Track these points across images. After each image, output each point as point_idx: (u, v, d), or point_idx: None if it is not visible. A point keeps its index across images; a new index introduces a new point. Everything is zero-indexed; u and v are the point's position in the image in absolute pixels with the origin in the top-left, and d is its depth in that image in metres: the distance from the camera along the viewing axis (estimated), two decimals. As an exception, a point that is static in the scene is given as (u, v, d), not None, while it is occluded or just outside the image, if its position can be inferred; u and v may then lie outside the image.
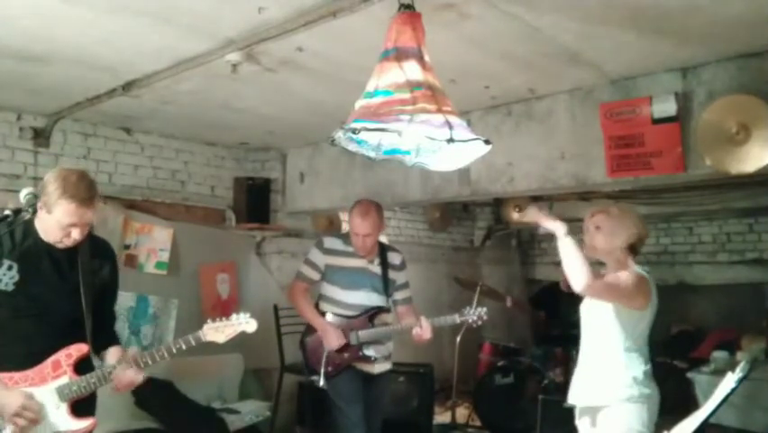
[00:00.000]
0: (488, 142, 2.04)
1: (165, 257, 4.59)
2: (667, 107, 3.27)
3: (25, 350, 2.24)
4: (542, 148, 3.80)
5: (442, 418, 5.56)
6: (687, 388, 4.22)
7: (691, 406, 2.40)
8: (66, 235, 2.24)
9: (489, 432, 5.26)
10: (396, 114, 1.93)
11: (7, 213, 2.19)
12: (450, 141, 1.91)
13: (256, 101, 3.92)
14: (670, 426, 1.96)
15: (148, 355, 2.37)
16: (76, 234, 2.24)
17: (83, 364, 2.33)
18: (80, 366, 2.31)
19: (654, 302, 2.58)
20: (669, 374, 4.40)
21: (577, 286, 2.45)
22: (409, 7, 2.12)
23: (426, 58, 2.07)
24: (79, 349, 2.30)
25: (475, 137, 2.00)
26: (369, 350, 3.43)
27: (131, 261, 4.42)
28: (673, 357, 5.09)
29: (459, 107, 2.15)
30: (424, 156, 2.19)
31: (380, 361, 3.48)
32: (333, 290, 3.49)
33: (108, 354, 2.43)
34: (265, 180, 5.33)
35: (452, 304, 3.65)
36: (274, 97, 3.82)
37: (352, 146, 2.12)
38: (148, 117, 4.31)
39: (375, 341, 3.45)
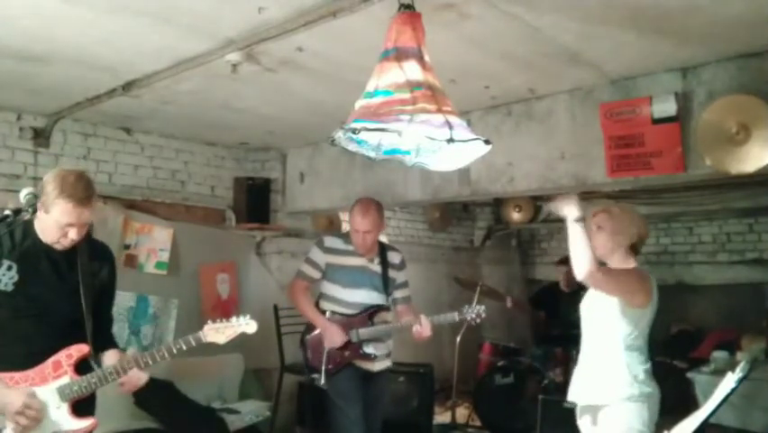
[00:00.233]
0: (488, 142, 2.04)
1: (165, 257, 4.59)
2: (667, 107, 3.27)
3: (25, 350, 2.24)
4: (542, 148, 3.80)
5: (442, 418, 5.56)
6: (687, 388, 4.22)
7: (691, 406, 2.40)
8: (63, 235, 2.24)
9: (489, 432, 5.26)
10: (396, 114, 1.93)
11: (7, 213, 2.19)
12: (450, 141, 1.91)
13: (256, 101, 3.92)
14: (670, 426, 1.96)
15: (148, 356, 2.37)
16: (73, 234, 2.24)
17: (83, 365, 2.33)
18: (81, 366, 2.31)
19: (655, 301, 2.58)
20: (669, 374, 4.39)
21: (580, 273, 2.43)
22: (409, 7, 2.12)
23: (426, 58, 2.07)
24: (80, 349, 2.31)
25: (475, 137, 2.00)
26: (369, 348, 3.45)
27: (131, 261, 4.42)
28: (673, 357, 5.09)
29: (459, 107, 2.15)
30: (424, 156, 2.19)
31: (380, 358, 3.50)
32: (333, 289, 3.51)
33: (106, 355, 2.42)
34: (265, 180, 5.33)
35: (452, 304, 3.66)
36: (274, 97, 3.82)
37: (352, 146, 2.12)
38: (148, 117, 4.31)
39: (375, 339, 3.47)
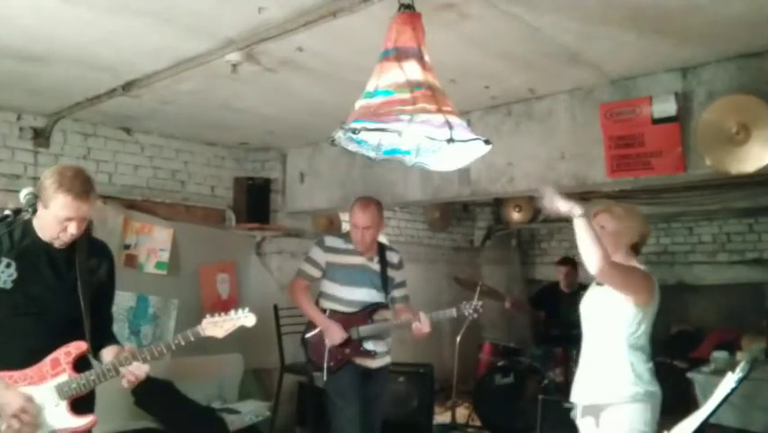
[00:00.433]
0: (488, 142, 2.04)
1: (165, 257, 4.59)
2: (667, 107, 3.28)
3: (24, 348, 2.24)
4: (542, 148, 3.80)
5: (442, 418, 5.56)
6: (687, 388, 4.22)
7: (691, 406, 2.39)
8: (63, 230, 2.24)
9: (489, 432, 5.26)
10: (396, 114, 1.93)
11: (7, 213, 2.19)
12: (450, 141, 1.91)
13: (256, 101, 3.92)
14: (670, 426, 1.95)
15: (147, 351, 2.36)
16: (72, 228, 2.24)
17: (82, 362, 2.32)
18: (79, 364, 2.30)
19: (657, 300, 2.57)
20: (669, 374, 4.39)
21: (591, 267, 2.39)
22: (409, 7, 2.12)
23: (426, 58, 2.07)
24: (78, 347, 2.30)
25: (475, 137, 2.00)
26: (369, 345, 3.49)
27: (131, 261, 4.42)
28: (673, 357, 5.09)
29: (459, 107, 2.15)
30: (424, 156, 2.19)
31: (380, 356, 3.54)
32: (333, 287, 3.54)
33: (104, 351, 2.41)
34: (265, 180, 5.33)
35: (451, 304, 3.68)
36: (274, 97, 3.82)
37: (352, 146, 2.12)
38: (148, 117, 4.31)
39: (375, 336, 3.51)
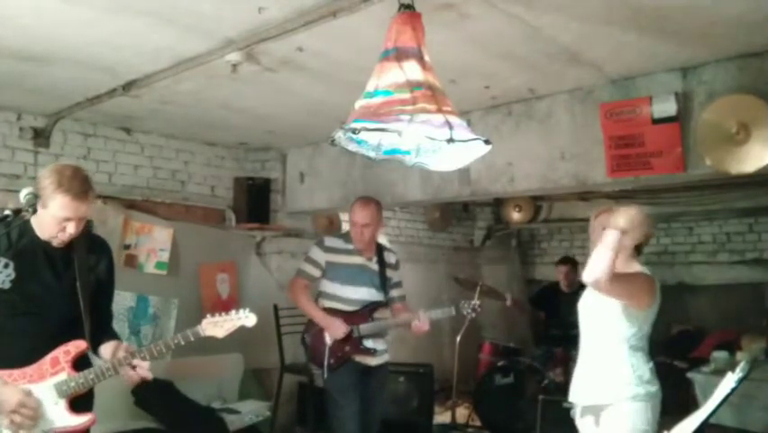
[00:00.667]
0: (488, 142, 2.04)
1: (165, 257, 4.59)
2: (667, 107, 3.27)
3: (23, 348, 2.24)
4: (542, 148, 3.80)
5: (442, 418, 5.56)
6: (687, 388, 4.22)
7: (691, 406, 2.39)
8: (61, 230, 2.24)
9: (488, 432, 5.26)
10: (396, 114, 1.93)
11: (7, 213, 2.19)
12: (450, 141, 1.91)
13: (256, 101, 3.91)
14: (670, 426, 1.95)
15: (146, 351, 2.36)
16: (71, 228, 2.24)
17: (81, 361, 2.32)
18: (79, 363, 2.30)
19: (658, 303, 2.56)
20: (669, 374, 4.38)
21: (588, 277, 2.38)
22: (409, 7, 2.12)
23: (426, 58, 2.07)
24: (78, 346, 2.30)
25: (475, 137, 2.00)
26: (368, 342, 3.52)
27: (131, 261, 4.42)
28: (673, 357, 5.08)
29: (459, 107, 2.15)
30: (424, 156, 2.19)
31: (380, 353, 3.58)
32: (333, 287, 3.56)
33: (104, 348, 2.41)
34: (265, 180, 5.33)
35: (451, 303, 3.70)
36: (274, 97, 3.82)
37: (351, 146, 2.12)
38: (148, 117, 4.31)
39: (375, 334, 3.54)
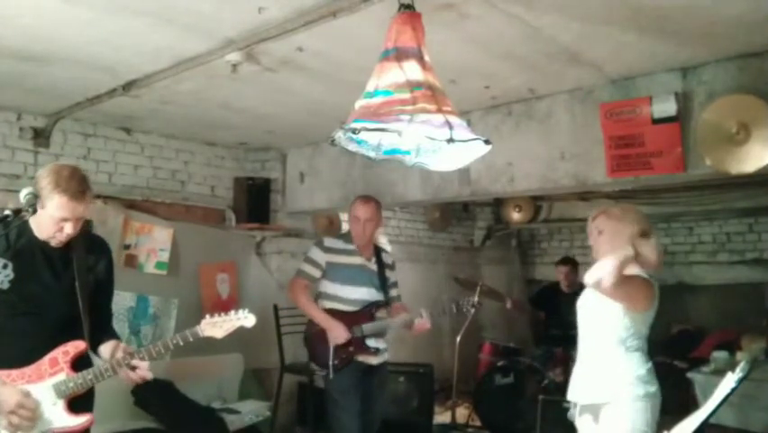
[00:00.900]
0: (488, 142, 2.04)
1: (165, 257, 4.59)
2: (667, 107, 3.27)
3: (22, 348, 2.24)
4: (542, 148, 3.80)
5: (442, 418, 5.56)
6: (687, 388, 4.22)
7: (691, 406, 2.40)
8: (59, 230, 2.24)
9: (489, 432, 5.26)
10: (396, 114, 1.93)
11: (7, 213, 2.19)
12: (450, 141, 1.91)
13: (256, 101, 3.91)
14: (670, 426, 1.96)
15: (145, 351, 2.36)
16: (68, 228, 2.24)
17: (80, 361, 2.32)
18: (78, 363, 2.30)
19: (655, 305, 2.56)
20: (669, 374, 4.38)
21: (590, 280, 2.38)
22: (409, 7, 2.11)
23: (426, 58, 2.07)
24: (76, 346, 2.30)
25: (475, 137, 2.00)
26: (371, 342, 3.53)
27: (131, 261, 4.42)
28: (673, 357, 5.08)
29: (459, 107, 2.15)
30: (424, 156, 2.19)
31: (381, 352, 3.60)
32: (334, 287, 3.57)
33: (103, 347, 2.41)
34: (265, 180, 5.33)
35: (451, 302, 3.73)
36: (274, 97, 3.82)
37: (351, 146, 2.12)
38: (148, 117, 4.31)
39: (377, 334, 3.56)
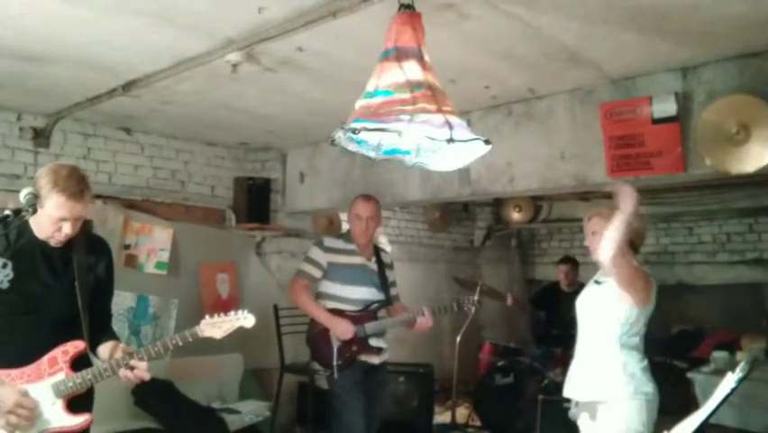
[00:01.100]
0: (488, 142, 2.04)
1: (165, 257, 4.58)
2: (667, 107, 3.27)
3: (22, 347, 2.24)
4: (542, 148, 3.80)
5: (442, 418, 5.56)
6: (687, 388, 4.22)
7: (691, 406, 2.39)
8: (57, 230, 2.24)
9: (489, 432, 5.26)
10: (396, 114, 1.93)
11: (7, 213, 2.19)
12: (450, 141, 1.91)
13: (256, 101, 3.91)
14: (670, 426, 1.96)
15: (144, 352, 2.35)
16: (67, 228, 2.24)
17: (80, 361, 2.32)
18: (77, 363, 2.30)
19: (653, 302, 2.58)
20: (669, 374, 4.39)
21: (605, 254, 2.41)
22: (409, 7, 2.12)
23: (426, 58, 2.07)
24: (76, 346, 2.30)
25: (475, 137, 2.00)
26: (373, 341, 3.53)
27: (131, 261, 4.42)
28: (673, 357, 5.09)
29: (459, 107, 2.15)
30: (424, 156, 2.19)
31: (383, 351, 3.61)
32: (334, 287, 3.57)
33: (102, 348, 2.41)
34: (265, 180, 5.33)
35: (452, 301, 3.74)
36: (274, 97, 3.82)
37: (351, 146, 2.12)
38: (148, 117, 4.31)
39: (379, 333, 3.56)
